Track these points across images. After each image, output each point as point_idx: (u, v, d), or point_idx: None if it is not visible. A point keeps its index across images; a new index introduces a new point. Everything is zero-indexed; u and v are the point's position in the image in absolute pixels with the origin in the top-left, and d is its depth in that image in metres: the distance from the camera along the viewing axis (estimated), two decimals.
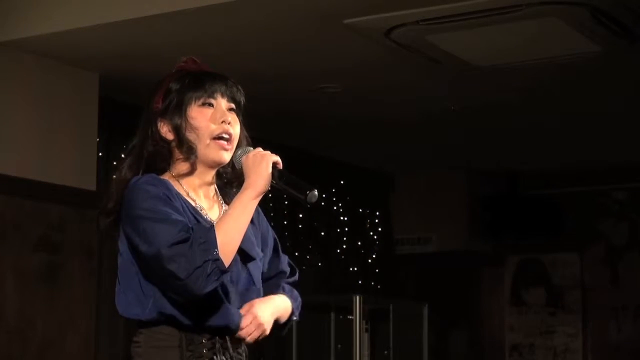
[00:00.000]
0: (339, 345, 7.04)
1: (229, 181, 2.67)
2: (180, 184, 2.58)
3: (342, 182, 7.90)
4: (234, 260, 2.47)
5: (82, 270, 5.35)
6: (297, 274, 2.83)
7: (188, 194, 2.58)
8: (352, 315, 6.52)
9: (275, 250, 2.78)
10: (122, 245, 2.53)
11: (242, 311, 2.56)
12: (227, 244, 2.41)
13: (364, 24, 4.76)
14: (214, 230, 2.41)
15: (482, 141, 7.39)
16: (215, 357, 2.51)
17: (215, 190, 2.67)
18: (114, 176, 2.62)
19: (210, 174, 2.62)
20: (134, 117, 2.75)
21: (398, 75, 5.70)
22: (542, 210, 8.38)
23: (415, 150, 7.71)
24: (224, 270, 2.40)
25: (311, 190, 2.50)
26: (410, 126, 6.90)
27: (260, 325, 2.56)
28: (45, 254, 5.18)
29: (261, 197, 2.51)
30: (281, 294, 2.70)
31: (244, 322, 2.54)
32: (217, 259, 2.38)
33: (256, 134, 2.71)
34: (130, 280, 2.52)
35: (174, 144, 2.58)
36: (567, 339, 8.42)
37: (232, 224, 2.45)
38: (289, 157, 2.67)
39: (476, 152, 7.71)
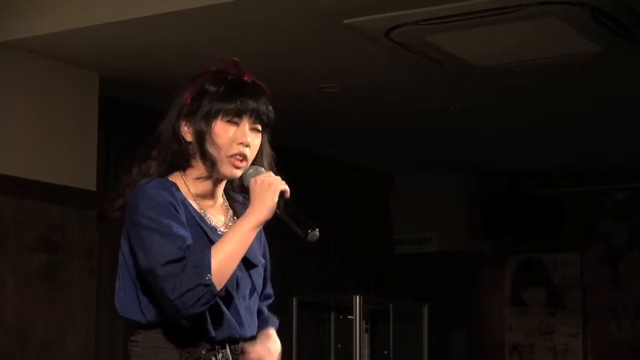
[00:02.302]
0: (339, 345, 7.04)
1: (236, 187, 2.67)
2: (189, 188, 2.57)
3: (342, 182, 7.90)
4: (237, 266, 2.47)
5: (82, 270, 5.35)
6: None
7: (195, 199, 2.56)
8: (352, 315, 6.51)
9: (265, 268, 2.75)
10: (124, 245, 2.52)
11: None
12: (222, 270, 2.40)
13: (364, 24, 4.76)
14: (210, 254, 2.39)
15: (482, 141, 7.39)
16: (214, 358, 2.51)
17: (223, 195, 2.65)
18: (135, 168, 2.58)
19: (220, 183, 2.61)
20: (134, 117, 2.75)
21: (398, 75, 5.70)
22: (542, 210, 8.38)
23: (415, 150, 7.71)
24: (215, 294, 2.39)
25: (313, 229, 2.47)
26: (410, 126, 6.89)
27: None
28: (45, 254, 5.18)
29: (263, 224, 2.49)
30: (272, 328, 2.71)
31: None
32: (209, 284, 2.37)
33: None
34: (129, 281, 2.51)
35: (191, 147, 2.56)
36: (567, 339, 8.42)
37: (229, 250, 2.42)
38: (289, 157, 2.66)
39: (476, 152, 7.71)
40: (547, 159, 7.93)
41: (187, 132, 2.56)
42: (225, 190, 2.66)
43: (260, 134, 2.58)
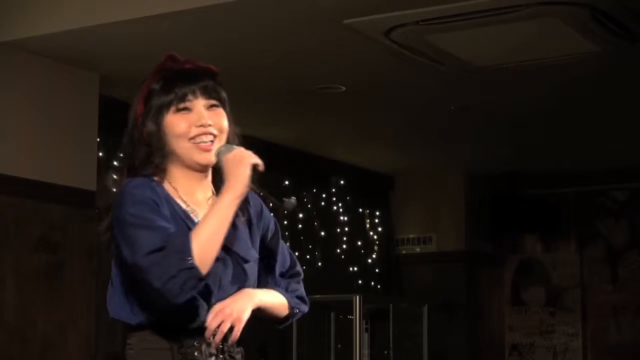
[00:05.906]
0: (339, 345, 7.03)
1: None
2: (173, 186, 2.55)
3: (342, 182, 7.90)
4: (223, 263, 2.46)
5: (82, 270, 5.35)
6: (298, 266, 2.78)
7: (180, 197, 2.55)
8: (352, 315, 6.51)
9: (276, 243, 2.74)
10: (114, 248, 2.52)
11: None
12: (204, 252, 2.38)
13: (364, 24, 4.76)
14: (190, 238, 2.38)
15: (481, 141, 7.40)
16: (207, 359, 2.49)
17: (212, 190, 2.62)
18: (110, 181, 2.58)
19: (202, 175, 2.59)
20: None
21: (398, 75, 5.70)
22: (541, 211, 8.39)
23: (415, 151, 7.71)
24: (201, 278, 2.37)
25: (288, 198, 2.50)
26: (411, 126, 6.90)
27: (224, 314, 2.45)
28: (45, 254, 5.18)
29: (240, 200, 2.46)
30: (271, 288, 2.66)
31: (207, 320, 2.45)
32: (192, 268, 2.35)
33: (256, 133, 2.71)
34: (118, 284, 2.54)
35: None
36: (567, 338, 8.42)
37: (209, 231, 2.41)
38: (289, 157, 2.66)
39: (476, 152, 7.71)
40: (547, 159, 7.93)
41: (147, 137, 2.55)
42: (216, 186, 2.62)
43: (221, 110, 2.57)
